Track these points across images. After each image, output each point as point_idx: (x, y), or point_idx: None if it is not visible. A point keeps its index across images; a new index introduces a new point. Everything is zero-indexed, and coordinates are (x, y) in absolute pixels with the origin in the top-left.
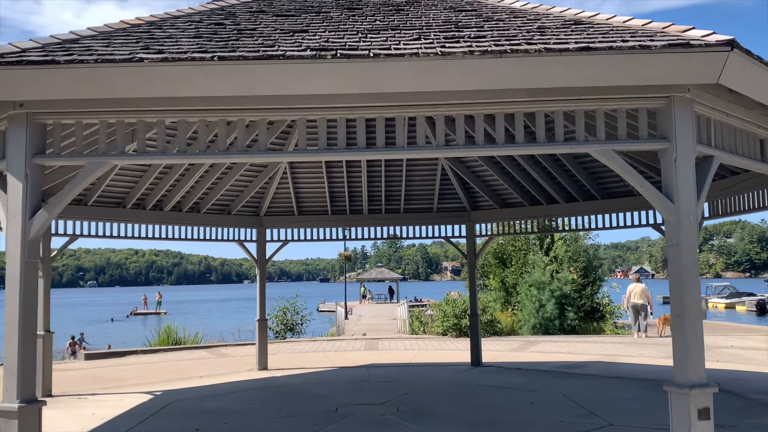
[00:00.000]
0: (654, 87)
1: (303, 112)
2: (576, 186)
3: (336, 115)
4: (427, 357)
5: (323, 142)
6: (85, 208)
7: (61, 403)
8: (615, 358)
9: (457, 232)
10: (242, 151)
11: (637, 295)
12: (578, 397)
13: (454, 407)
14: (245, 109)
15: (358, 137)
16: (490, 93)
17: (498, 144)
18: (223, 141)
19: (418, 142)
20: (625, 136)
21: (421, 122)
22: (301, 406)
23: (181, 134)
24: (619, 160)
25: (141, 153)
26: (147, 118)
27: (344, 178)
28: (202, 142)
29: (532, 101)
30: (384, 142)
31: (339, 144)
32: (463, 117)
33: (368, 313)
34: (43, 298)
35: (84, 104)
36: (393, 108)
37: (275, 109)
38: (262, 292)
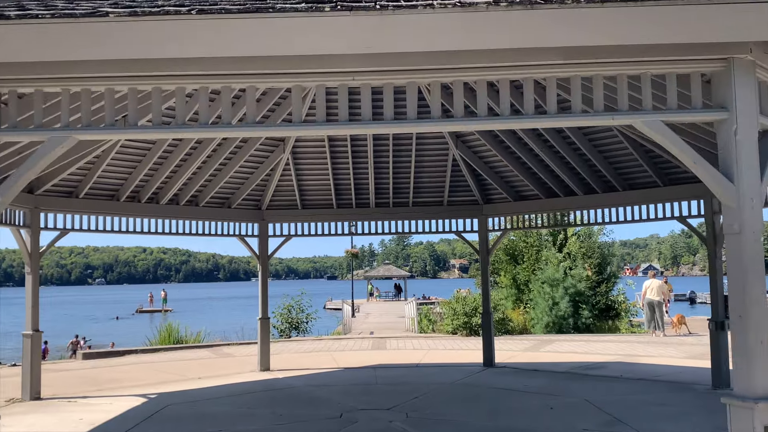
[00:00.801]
0: (710, 47)
1: (298, 78)
2: (595, 176)
3: (337, 81)
4: (437, 357)
5: (322, 114)
6: (75, 200)
7: (49, 407)
8: (635, 359)
9: (469, 226)
10: (227, 125)
11: (653, 292)
12: (601, 401)
13: (467, 413)
14: (230, 74)
15: (362, 108)
16: (518, 54)
17: (526, 115)
18: (205, 112)
19: (432, 114)
20: (675, 105)
21: (436, 90)
22: (303, 411)
23: (155, 104)
24: (670, 133)
25: (109, 127)
26: (116, 86)
27: (350, 169)
28: (182, 114)
29: (567, 64)
30: (393, 115)
31: (340, 117)
32: (485, 84)
33: (375, 311)
34: (31, 295)
35: (42, 69)
36: (403, 73)
37: (265, 75)
38: (264, 290)
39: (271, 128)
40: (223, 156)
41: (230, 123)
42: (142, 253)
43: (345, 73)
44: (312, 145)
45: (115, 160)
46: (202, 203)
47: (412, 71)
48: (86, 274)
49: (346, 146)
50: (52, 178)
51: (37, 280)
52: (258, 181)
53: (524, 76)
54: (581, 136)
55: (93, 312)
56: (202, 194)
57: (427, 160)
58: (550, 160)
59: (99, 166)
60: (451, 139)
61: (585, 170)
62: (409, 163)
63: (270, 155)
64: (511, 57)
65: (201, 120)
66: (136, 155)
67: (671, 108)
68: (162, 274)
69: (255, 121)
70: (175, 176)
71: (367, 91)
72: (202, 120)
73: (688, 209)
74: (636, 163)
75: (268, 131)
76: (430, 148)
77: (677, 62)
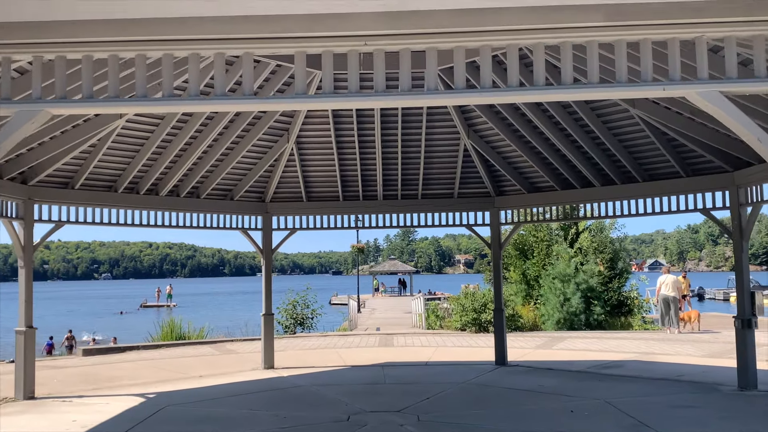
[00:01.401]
0: None
1: (302, 43)
2: (614, 167)
3: (346, 47)
4: (447, 355)
5: (329, 84)
6: (71, 191)
7: (42, 407)
8: (652, 357)
9: (480, 219)
10: (220, 96)
11: (668, 287)
12: (622, 403)
13: (482, 416)
14: (224, 39)
15: (375, 78)
16: (555, 13)
17: (563, 86)
18: (195, 83)
19: (455, 83)
20: (735, 74)
21: (460, 57)
22: (307, 413)
23: (139, 74)
24: (729, 106)
25: (87, 99)
26: (96, 53)
27: (357, 160)
28: (168, 84)
29: (610, 27)
30: (410, 84)
31: (350, 87)
32: (516, 51)
33: (381, 307)
34: (24, 290)
35: (10, 32)
36: (423, 37)
37: (263, 40)
38: (268, 285)
39: (267, 101)
40: (225, 146)
41: (224, 94)
42: (148, 248)
43: (356, 37)
44: (317, 135)
45: (112, 149)
46: (203, 195)
47: (432, 35)
48: (92, 268)
49: (353, 135)
50: (47, 167)
51: (30, 274)
52: (261, 172)
53: (561, 41)
54: (600, 124)
55: (98, 307)
56: (203, 185)
57: (438, 151)
58: (567, 149)
59: (95, 156)
60: (462, 128)
61: (603, 160)
62: (418, 154)
63: (274, 145)
64: (547, 17)
65: (190, 91)
66: (135, 144)
67: (731, 77)
68: (168, 269)
69: (251, 93)
70: (175, 166)
71: (381, 58)
72: (192, 91)
73: (712, 201)
74: (657, 152)
75: (264, 104)
76: (440, 137)
77: (738, 24)
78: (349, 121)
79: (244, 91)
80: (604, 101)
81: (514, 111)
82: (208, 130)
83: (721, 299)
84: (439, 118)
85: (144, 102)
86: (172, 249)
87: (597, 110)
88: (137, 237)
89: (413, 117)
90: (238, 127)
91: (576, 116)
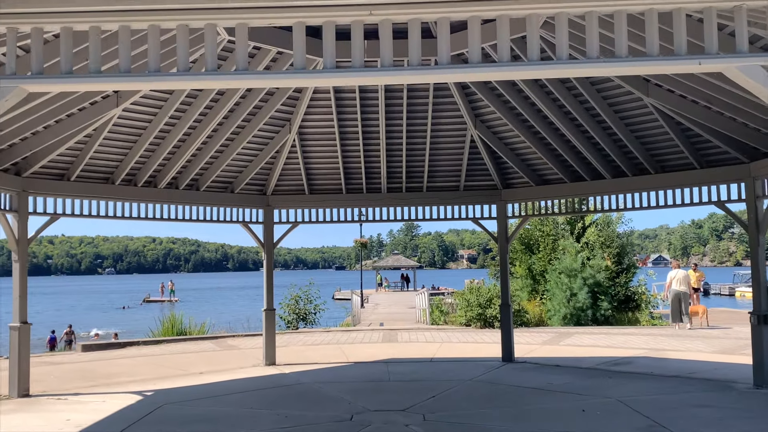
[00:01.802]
0: None
1: (301, 12)
2: (625, 158)
3: (350, 17)
4: (452, 351)
5: (330, 59)
6: (67, 183)
7: (36, 406)
8: (662, 353)
9: (487, 212)
10: (213, 72)
11: (679, 282)
12: (635, 402)
13: (490, 416)
14: (216, 8)
15: (381, 51)
16: None
17: (588, 59)
18: (184, 57)
19: (470, 57)
20: None
21: (475, 28)
22: (309, 412)
23: (123, 47)
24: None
25: (66, 75)
26: (76, 24)
27: (360, 151)
28: (154, 58)
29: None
30: (419, 59)
31: (354, 61)
32: (536, 22)
33: (385, 302)
34: (19, 285)
35: None
36: (434, 6)
37: (259, 9)
38: (269, 280)
39: (262, 76)
40: (225, 136)
41: (215, 70)
42: (152, 243)
43: (360, 6)
44: (320, 125)
45: (109, 139)
46: (203, 187)
47: (445, 3)
48: (96, 263)
49: (356, 126)
50: (41, 158)
51: (25, 268)
52: (262, 163)
53: (587, 10)
54: (612, 114)
55: (101, 302)
56: (203, 177)
57: (444, 142)
58: (577, 140)
59: (92, 146)
60: (469, 118)
61: (614, 151)
62: (423, 145)
63: (275, 136)
64: None
65: (179, 66)
66: (132, 134)
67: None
68: (171, 264)
69: (245, 68)
70: (174, 157)
71: (388, 29)
72: (181, 66)
73: (727, 193)
74: (671, 142)
75: (258, 80)
76: (446, 128)
77: None
78: (352, 111)
79: (238, 66)
80: (616, 89)
81: (523, 100)
82: (208, 120)
83: (726, 294)
84: (446, 108)
85: (129, 78)
86: (176, 244)
87: (609, 99)
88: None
89: (419, 107)
90: (238, 117)
91: (587, 105)
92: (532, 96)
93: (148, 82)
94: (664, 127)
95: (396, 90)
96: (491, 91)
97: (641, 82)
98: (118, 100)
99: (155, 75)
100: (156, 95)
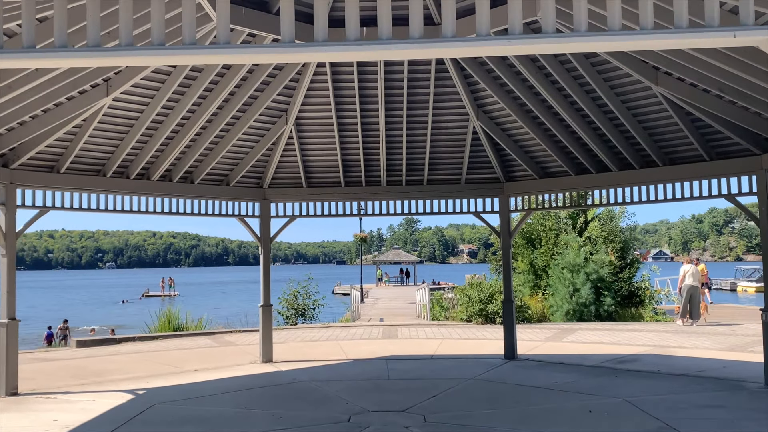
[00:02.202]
0: None
1: None
2: (632, 150)
3: None
4: (453, 348)
5: (322, 29)
6: (57, 175)
7: (23, 405)
8: (668, 350)
9: (489, 206)
10: (192, 46)
11: (693, 277)
12: (643, 402)
13: (494, 417)
14: None
15: (379, 21)
16: None
17: (609, 31)
18: (158, 28)
19: (478, 28)
20: None
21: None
22: (306, 412)
23: (91, 16)
24: None
25: (28, 49)
26: None
27: (359, 143)
28: (126, 29)
29: None
30: (421, 29)
31: (348, 33)
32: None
33: (385, 296)
34: (6, 280)
35: None
36: None
37: None
38: (266, 275)
39: (243, 50)
40: (220, 127)
41: (193, 43)
42: (152, 237)
43: None
44: (317, 116)
45: (99, 130)
46: (197, 180)
47: None
48: (97, 258)
49: (355, 116)
50: (29, 149)
51: (13, 263)
52: (258, 156)
53: None
54: (619, 104)
55: (101, 296)
56: (197, 170)
57: (445, 133)
58: (582, 131)
59: (81, 137)
60: (471, 109)
61: (621, 143)
62: (424, 137)
63: (272, 127)
64: None
65: (153, 40)
66: (123, 125)
67: None
68: (172, 258)
69: (226, 41)
70: (167, 149)
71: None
72: (155, 39)
73: (738, 186)
74: (680, 134)
75: (242, 56)
76: (448, 118)
77: None
78: (351, 101)
79: (219, 39)
80: (624, 78)
81: (527, 90)
82: (201, 111)
83: (728, 289)
84: (447, 98)
85: (96, 53)
86: (176, 238)
87: (616, 88)
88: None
89: (419, 97)
90: (233, 108)
91: (594, 95)
92: (537, 85)
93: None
94: (673, 117)
95: (396, 80)
96: (494, 80)
97: (650, 71)
98: (108, 89)
99: (126, 49)
100: (148, 84)
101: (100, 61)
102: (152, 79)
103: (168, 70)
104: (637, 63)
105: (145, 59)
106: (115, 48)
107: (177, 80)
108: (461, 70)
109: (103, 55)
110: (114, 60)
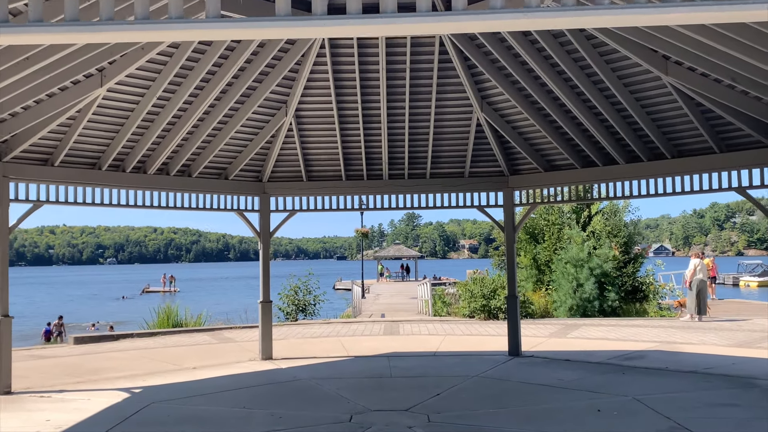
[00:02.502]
0: None
1: None
2: (640, 142)
3: None
4: (456, 344)
5: (321, 7)
6: (51, 169)
7: (16, 404)
8: (675, 347)
9: (493, 200)
10: (178, 19)
11: (702, 271)
12: (652, 400)
13: (500, 416)
14: None
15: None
16: None
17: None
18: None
19: (492, 3)
20: None
21: None
22: (306, 412)
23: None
24: None
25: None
26: None
27: (360, 136)
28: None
29: None
30: (429, 3)
31: (350, 8)
32: None
33: (386, 292)
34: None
35: None
36: None
37: None
38: (265, 270)
39: (233, 24)
40: (218, 119)
41: (180, 17)
42: (153, 233)
43: None
44: (318, 108)
45: (94, 122)
46: (195, 174)
47: None
48: (98, 253)
49: (357, 108)
50: (22, 142)
51: (6, 258)
52: (257, 149)
53: None
54: (627, 94)
55: (101, 292)
56: (195, 163)
57: (448, 125)
58: (589, 122)
59: (75, 129)
60: (475, 100)
61: (628, 135)
62: (427, 129)
63: (271, 119)
64: None
65: (137, 14)
66: (119, 116)
67: None
68: (173, 254)
69: (216, 15)
70: (164, 142)
71: None
72: (138, 14)
73: (749, 178)
74: (690, 125)
75: (230, 29)
76: (451, 110)
77: None
78: (352, 92)
79: (208, 13)
80: (633, 68)
81: (532, 80)
82: (199, 102)
83: (730, 284)
84: (451, 89)
85: (73, 26)
86: (177, 234)
87: (624, 78)
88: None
89: (422, 88)
90: (231, 99)
91: (601, 85)
92: (542, 75)
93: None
94: (683, 108)
95: (398, 70)
96: (499, 70)
97: (660, 60)
98: (102, 79)
99: (106, 24)
100: (143, 74)
101: (73, 37)
102: (148, 69)
103: (164, 60)
104: (646, 52)
105: (117, 35)
106: (95, 23)
107: (173, 70)
108: (465, 60)
109: (120, 29)
110: (130, 35)
